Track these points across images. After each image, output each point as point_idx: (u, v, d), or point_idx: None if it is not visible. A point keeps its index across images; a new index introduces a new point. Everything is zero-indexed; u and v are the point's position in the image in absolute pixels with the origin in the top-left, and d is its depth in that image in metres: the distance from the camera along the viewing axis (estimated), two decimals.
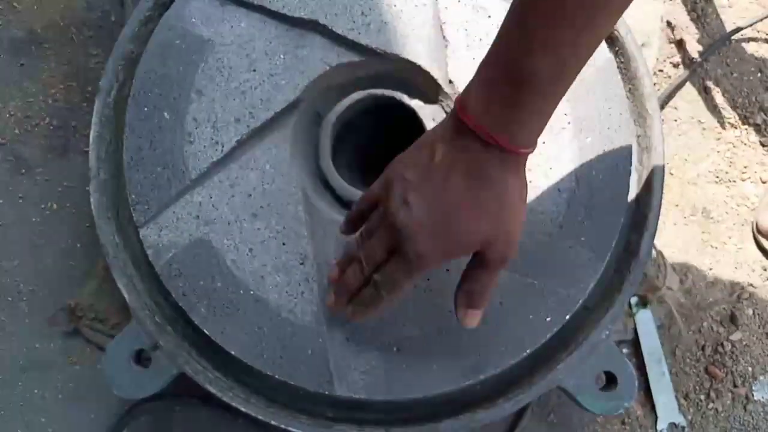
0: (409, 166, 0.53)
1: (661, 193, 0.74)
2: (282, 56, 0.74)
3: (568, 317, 0.68)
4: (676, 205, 0.95)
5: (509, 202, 0.52)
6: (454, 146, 0.51)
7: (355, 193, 0.73)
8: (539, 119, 0.50)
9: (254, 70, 0.73)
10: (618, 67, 0.76)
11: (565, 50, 0.47)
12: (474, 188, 0.51)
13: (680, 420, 0.88)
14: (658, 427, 0.88)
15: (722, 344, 0.90)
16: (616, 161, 0.72)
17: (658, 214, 0.73)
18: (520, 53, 0.47)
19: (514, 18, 0.48)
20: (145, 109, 0.72)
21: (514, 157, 0.50)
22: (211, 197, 0.70)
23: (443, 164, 0.51)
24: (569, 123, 0.72)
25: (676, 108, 0.98)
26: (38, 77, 0.96)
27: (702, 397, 0.89)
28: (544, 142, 0.71)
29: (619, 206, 0.71)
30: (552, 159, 0.71)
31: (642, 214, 0.74)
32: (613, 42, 0.77)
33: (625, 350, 0.89)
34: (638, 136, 0.77)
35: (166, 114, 0.72)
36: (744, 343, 0.91)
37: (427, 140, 0.54)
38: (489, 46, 0.50)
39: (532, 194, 0.70)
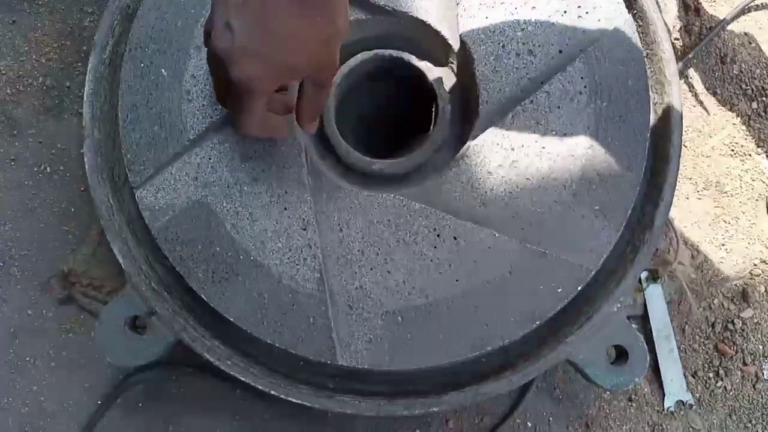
0: None
1: (678, 162, 0.71)
2: None
3: (579, 288, 0.66)
4: (689, 179, 0.92)
5: (334, 25, 0.51)
6: None
7: (359, 158, 0.70)
8: None
9: None
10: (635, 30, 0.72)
11: None
12: (299, 12, 0.50)
13: (688, 398, 0.86)
14: (666, 405, 0.86)
15: (733, 321, 0.88)
16: (633, 128, 0.69)
17: (675, 185, 0.71)
18: None
19: None
20: (142, 65, 0.69)
21: None
22: (210, 159, 0.67)
23: None
24: (585, 87, 0.69)
25: (691, 78, 0.94)
26: (31, 35, 0.93)
27: (711, 374, 0.87)
28: (559, 107, 0.68)
29: (636, 175, 0.68)
30: (567, 124, 0.68)
31: (657, 184, 0.71)
32: (631, 4, 0.74)
33: (633, 326, 0.87)
34: (655, 103, 0.74)
35: (163, 71, 0.69)
36: (755, 320, 0.88)
37: None
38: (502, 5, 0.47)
39: (545, 160, 0.68)
